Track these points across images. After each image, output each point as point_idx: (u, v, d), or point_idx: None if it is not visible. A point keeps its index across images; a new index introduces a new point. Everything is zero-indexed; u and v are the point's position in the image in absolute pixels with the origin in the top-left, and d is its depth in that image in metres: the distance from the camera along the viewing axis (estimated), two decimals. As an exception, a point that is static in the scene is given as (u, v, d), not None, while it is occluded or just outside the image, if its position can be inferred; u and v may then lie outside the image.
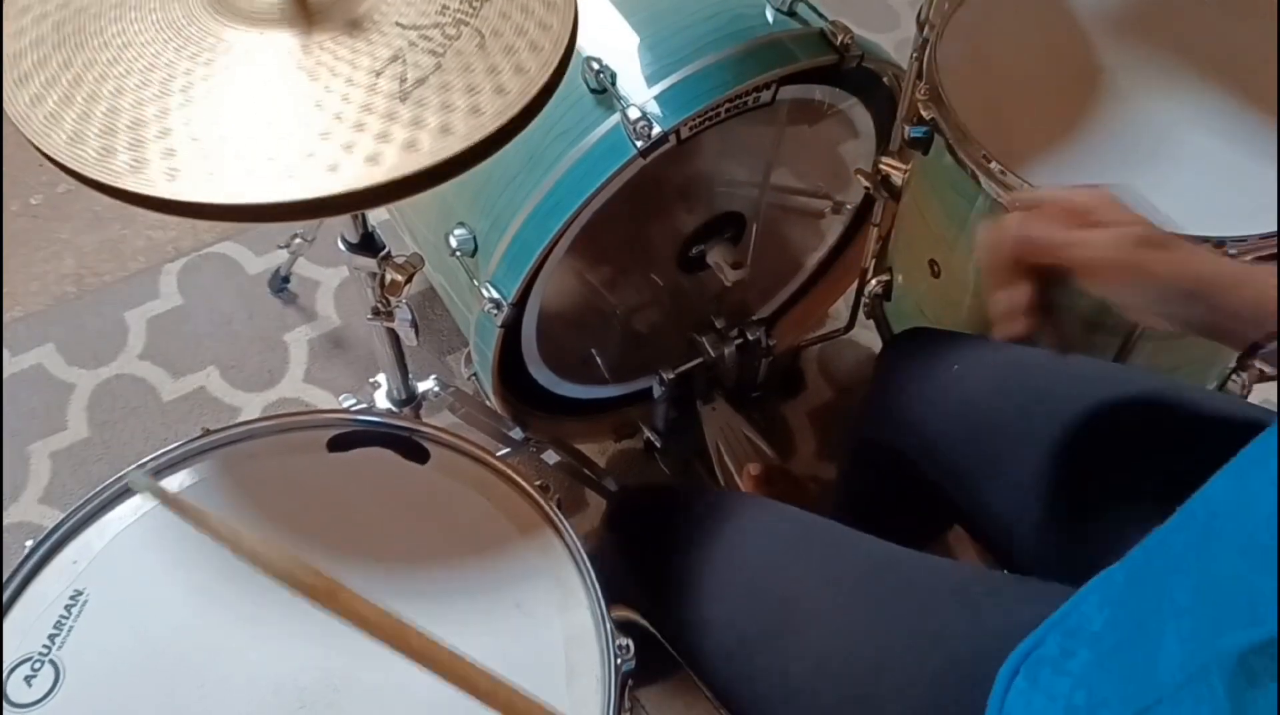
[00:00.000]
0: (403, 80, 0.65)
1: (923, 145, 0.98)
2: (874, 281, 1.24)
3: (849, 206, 1.28)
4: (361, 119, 0.63)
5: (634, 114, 0.90)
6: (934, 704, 0.67)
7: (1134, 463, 0.76)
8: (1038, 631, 0.63)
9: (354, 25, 0.67)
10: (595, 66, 0.92)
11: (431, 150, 0.62)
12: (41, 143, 0.62)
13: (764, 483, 1.28)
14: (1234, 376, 1.10)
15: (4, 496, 1.35)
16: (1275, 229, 0.85)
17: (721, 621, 0.78)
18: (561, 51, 0.69)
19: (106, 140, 0.61)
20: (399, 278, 0.83)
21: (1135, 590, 0.56)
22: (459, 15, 0.69)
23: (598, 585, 0.74)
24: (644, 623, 0.85)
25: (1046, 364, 0.85)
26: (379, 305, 0.87)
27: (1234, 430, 0.57)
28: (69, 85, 0.64)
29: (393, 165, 0.61)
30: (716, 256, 1.16)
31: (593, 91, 0.94)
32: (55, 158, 0.61)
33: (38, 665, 0.69)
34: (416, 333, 0.88)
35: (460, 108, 0.64)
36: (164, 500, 0.52)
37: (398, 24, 0.68)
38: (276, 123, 0.63)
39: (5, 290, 1.55)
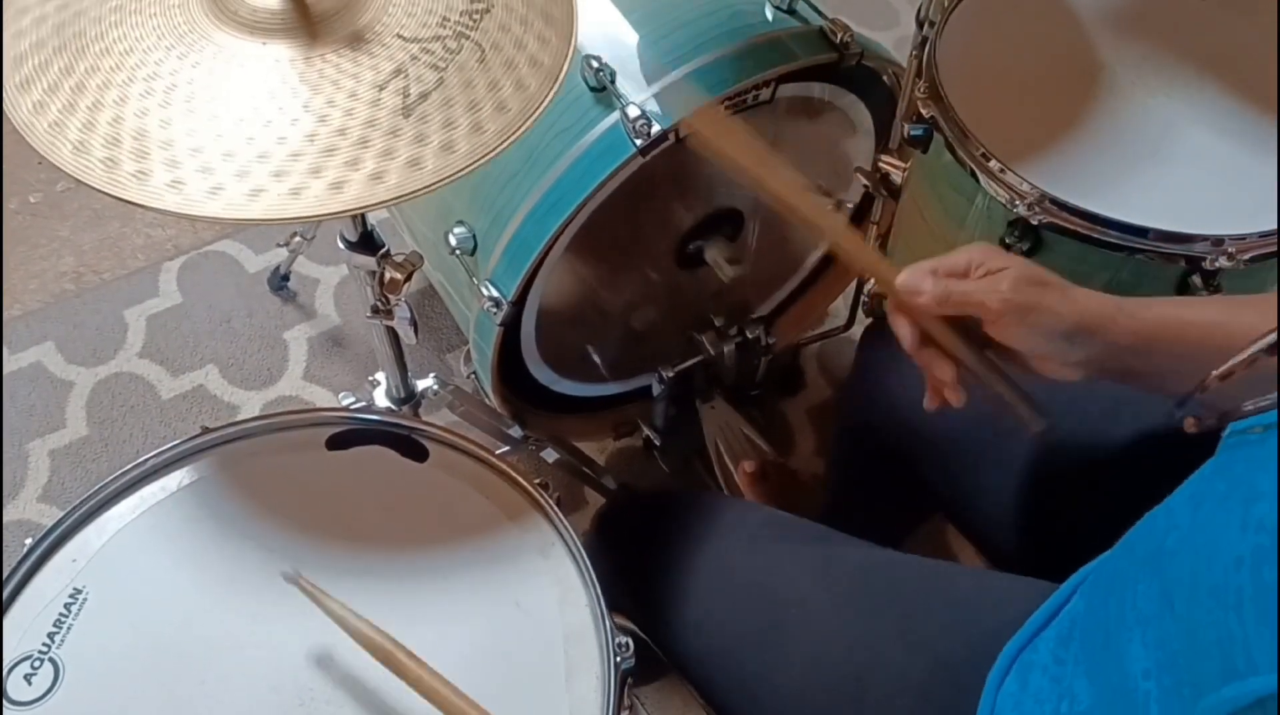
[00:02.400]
0: (406, 95, 0.65)
1: (922, 143, 0.98)
2: (873, 280, 1.24)
3: (848, 205, 1.28)
4: (365, 134, 0.63)
5: (633, 112, 0.89)
6: (924, 706, 0.67)
7: (1115, 456, 0.77)
8: (1025, 629, 0.63)
9: (356, 37, 0.67)
10: (594, 64, 0.92)
11: (435, 169, 0.63)
12: (46, 152, 0.62)
13: (760, 479, 1.28)
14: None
15: (3, 494, 1.35)
16: (1275, 227, 0.85)
17: (711, 626, 0.78)
18: (562, 67, 0.69)
19: (111, 151, 0.61)
20: (398, 276, 0.83)
21: (1104, 597, 0.56)
22: (459, 28, 0.68)
23: (597, 584, 0.74)
24: (634, 628, 0.85)
25: None
26: (378, 303, 0.87)
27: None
28: (72, 92, 0.64)
29: (396, 183, 0.62)
30: (715, 253, 1.16)
31: (592, 89, 0.94)
32: (61, 167, 0.61)
33: (37, 663, 0.69)
34: (416, 331, 0.88)
35: (462, 125, 0.65)
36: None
37: (399, 36, 0.68)
38: (281, 138, 0.63)
39: (4, 288, 1.55)
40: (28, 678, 0.69)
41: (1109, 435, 0.78)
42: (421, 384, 1.06)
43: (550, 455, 1.25)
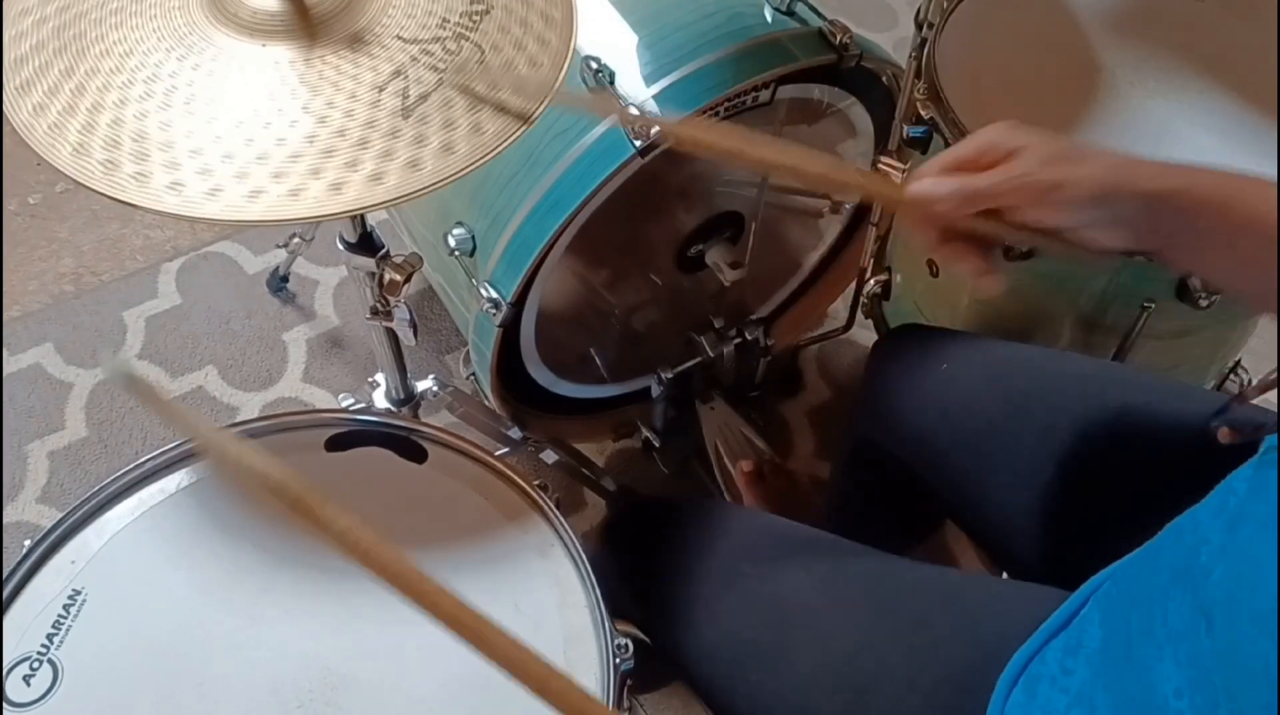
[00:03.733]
0: (405, 97, 0.65)
1: (921, 144, 0.98)
2: (872, 281, 1.24)
3: (847, 206, 1.28)
4: (365, 136, 0.63)
5: (632, 113, 0.89)
6: (930, 713, 0.67)
7: (1125, 463, 0.76)
8: (1034, 640, 0.63)
9: (356, 39, 0.67)
10: (594, 66, 0.92)
11: (434, 169, 0.63)
12: (46, 154, 0.62)
13: (758, 479, 1.28)
14: (1232, 376, 1.09)
15: (2, 496, 1.35)
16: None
17: (716, 633, 0.77)
18: (561, 68, 0.69)
19: (111, 153, 0.61)
20: (397, 277, 0.83)
21: (1127, 610, 0.56)
22: (459, 29, 0.69)
23: (596, 585, 0.74)
24: (639, 634, 0.84)
25: (1036, 364, 0.84)
26: (377, 305, 0.87)
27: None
28: (72, 94, 0.64)
29: (396, 184, 0.62)
30: (715, 256, 1.16)
31: (591, 91, 0.94)
32: (61, 169, 0.61)
33: (36, 665, 0.69)
34: (415, 332, 0.88)
35: (462, 125, 0.65)
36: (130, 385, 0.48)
37: (399, 38, 0.68)
38: (280, 139, 0.63)
39: (4, 289, 1.55)
40: (26, 679, 0.69)
41: (1115, 443, 0.78)
42: (421, 385, 1.06)
43: (549, 456, 1.25)
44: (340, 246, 0.84)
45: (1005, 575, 0.88)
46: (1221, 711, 0.43)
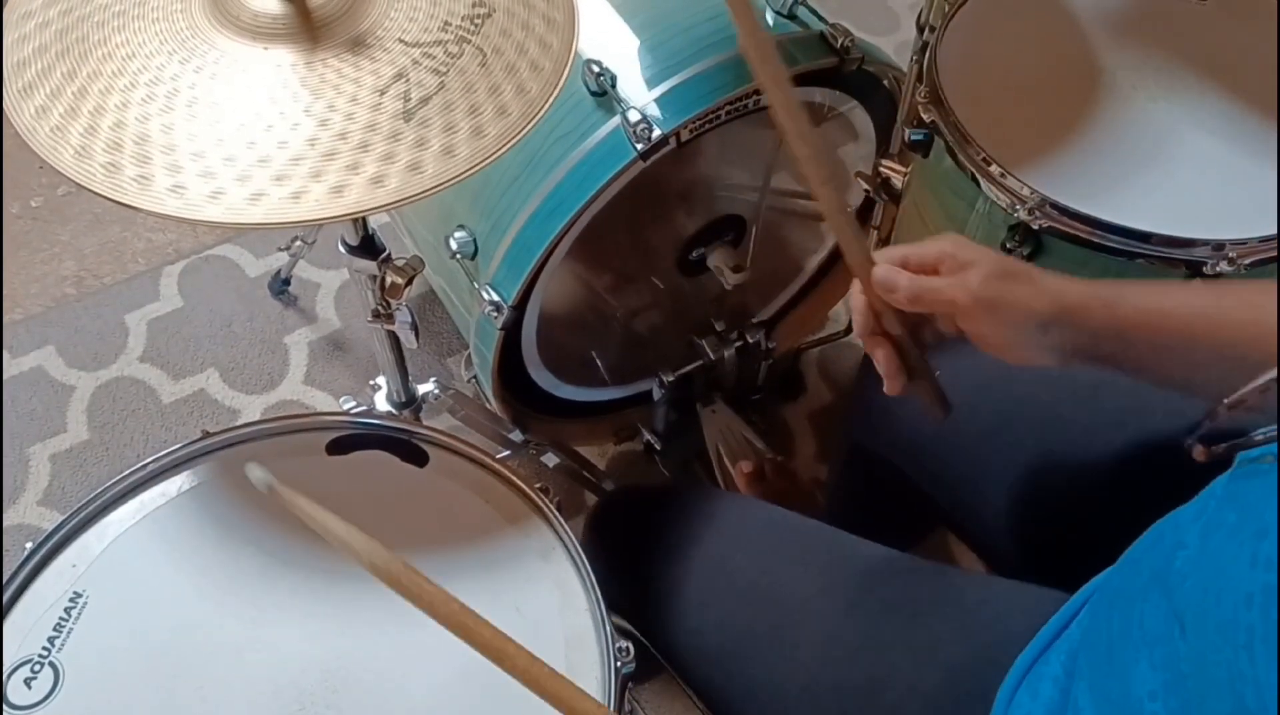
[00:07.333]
0: (406, 99, 0.65)
1: (923, 148, 0.98)
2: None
3: (849, 209, 1.28)
4: (366, 138, 0.63)
5: (634, 116, 0.90)
6: (934, 713, 0.67)
7: (1118, 469, 0.76)
8: (1037, 641, 0.62)
9: (357, 42, 0.67)
10: (595, 69, 0.92)
11: (435, 173, 0.63)
12: (48, 156, 0.62)
13: (757, 479, 1.28)
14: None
15: (4, 498, 1.35)
16: (1275, 232, 0.85)
17: (711, 628, 0.77)
18: (563, 73, 0.69)
19: (113, 156, 0.61)
20: (399, 280, 0.83)
21: (1109, 611, 0.56)
22: (461, 33, 0.69)
23: (597, 588, 0.74)
24: (630, 629, 0.84)
25: (1029, 370, 0.84)
26: (379, 308, 0.87)
27: None
28: (74, 97, 0.64)
29: (396, 188, 0.62)
30: (717, 259, 1.16)
31: (593, 94, 0.94)
32: (63, 172, 0.61)
33: (37, 667, 0.69)
34: (416, 335, 0.88)
35: (463, 129, 0.65)
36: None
37: (401, 41, 0.68)
38: (282, 142, 0.63)
39: (5, 292, 1.55)
40: (28, 681, 0.69)
41: (1105, 447, 0.77)
42: (422, 388, 1.06)
43: (551, 459, 1.25)
44: (342, 249, 0.84)
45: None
46: None
